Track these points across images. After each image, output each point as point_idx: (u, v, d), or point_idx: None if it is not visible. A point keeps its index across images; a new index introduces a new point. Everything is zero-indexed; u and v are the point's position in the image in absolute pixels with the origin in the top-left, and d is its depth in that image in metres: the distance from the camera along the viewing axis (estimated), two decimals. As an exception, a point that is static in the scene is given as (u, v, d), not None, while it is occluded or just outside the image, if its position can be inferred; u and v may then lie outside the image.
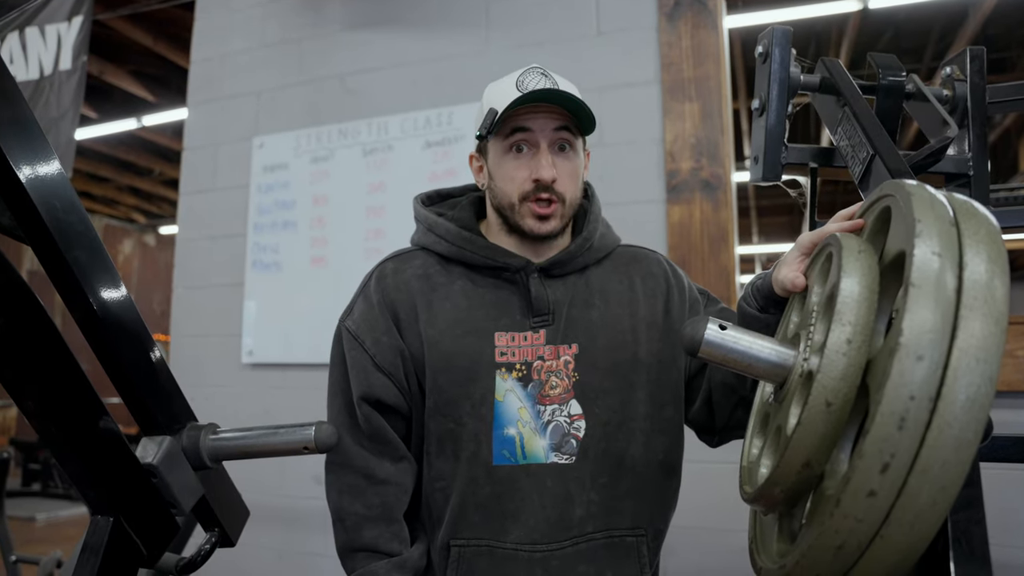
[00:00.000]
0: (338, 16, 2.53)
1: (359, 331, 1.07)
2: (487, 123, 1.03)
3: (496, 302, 1.06)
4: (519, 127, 1.02)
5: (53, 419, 0.61)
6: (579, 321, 1.05)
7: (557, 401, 1.03)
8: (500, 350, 1.03)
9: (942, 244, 0.48)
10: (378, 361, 1.05)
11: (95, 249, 0.64)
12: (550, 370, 1.03)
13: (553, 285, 1.07)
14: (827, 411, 0.52)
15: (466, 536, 1.01)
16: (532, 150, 1.02)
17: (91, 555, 0.65)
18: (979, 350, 0.44)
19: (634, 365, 1.05)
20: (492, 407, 1.02)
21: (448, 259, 1.09)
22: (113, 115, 5.21)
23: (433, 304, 1.06)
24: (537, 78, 1.02)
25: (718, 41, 2.05)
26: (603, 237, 1.13)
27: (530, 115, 1.01)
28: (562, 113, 1.02)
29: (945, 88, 1.03)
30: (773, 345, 0.64)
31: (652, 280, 1.11)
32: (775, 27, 0.98)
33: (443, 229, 1.09)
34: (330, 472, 1.07)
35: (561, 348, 1.04)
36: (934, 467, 0.44)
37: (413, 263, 1.11)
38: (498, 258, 1.05)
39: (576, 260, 1.08)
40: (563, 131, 1.02)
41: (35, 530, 5.14)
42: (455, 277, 1.08)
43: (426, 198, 1.19)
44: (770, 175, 1.01)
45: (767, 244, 9.21)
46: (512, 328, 1.04)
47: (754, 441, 0.72)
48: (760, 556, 0.63)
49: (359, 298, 1.12)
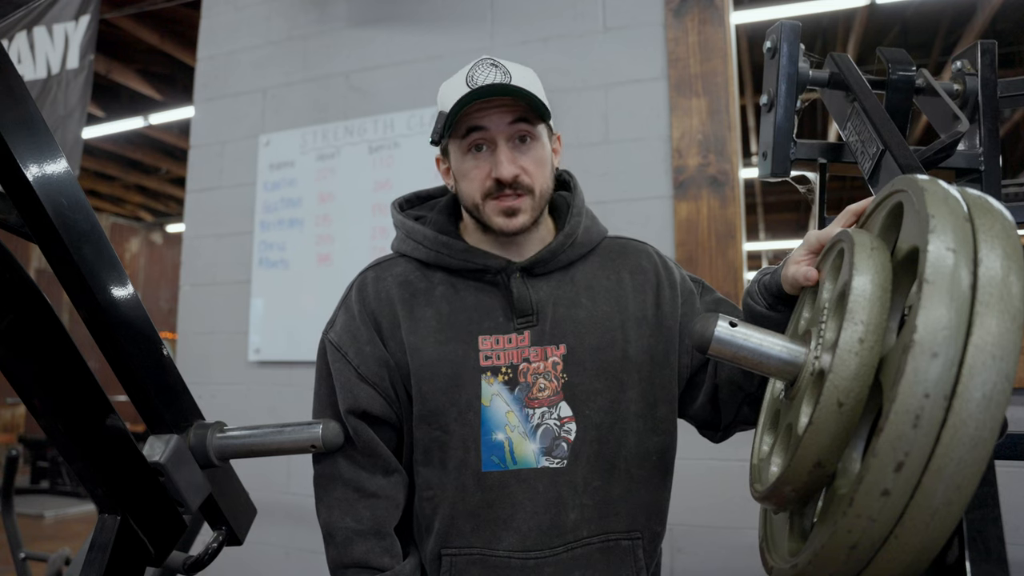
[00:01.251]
0: (343, 13, 2.53)
1: (341, 342, 1.05)
2: (437, 127, 1.01)
3: (478, 305, 1.03)
4: (474, 126, 0.98)
5: (60, 417, 0.60)
6: (566, 320, 1.02)
7: (546, 404, 1.00)
8: (484, 354, 1.00)
9: (956, 240, 0.47)
10: (362, 372, 1.02)
11: (102, 247, 0.64)
12: (537, 372, 1.00)
13: (536, 284, 1.04)
14: (839, 411, 0.52)
15: (457, 545, 0.99)
16: (491, 147, 0.99)
17: (99, 553, 0.64)
18: (995, 347, 0.43)
19: (624, 364, 1.02)
20: (479, 412, 0.99)
21: (428, 265, 1.07)
22: (120, 113, 5.23)
23: (415, 311, 1.03)
24: (486, 71, 0.98)
25: (725, 37, 2.04)
26: (588, 231, 1.09)
27: (483, 111, 0.98)
28: (516, 104, 0.98)
29: (955, 83, 1.02)
30: (784, 342, 0.63)
31: (641, 274, 1.08)
32: (783, 22, 0.97)
33: (420, 235, 1.06)
34: (319, 487, 1.04)
35: (548, 349, 1.01)
36: (949, 466, 0.43)
37: (393, 271, 1.08)
38: (477, 260, 1.03)
39: (559, 257, 1.05)
40: (520, 123, 0.98)
41: (43, 527, 5.18)
42: (436, 283, 1.05)
43: (404, 202, 1.16)
44: (779, 171, 1.00)
45: (774, 240, 9.18)
46: (496, 331, 1.01)
47: (764, 438, 0.71)
48: (771, 555, 0.63)
49: (340, 309, 1.10)
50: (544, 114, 0.99)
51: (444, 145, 1.06)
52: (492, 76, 0.98)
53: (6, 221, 0.66)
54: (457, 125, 0.99)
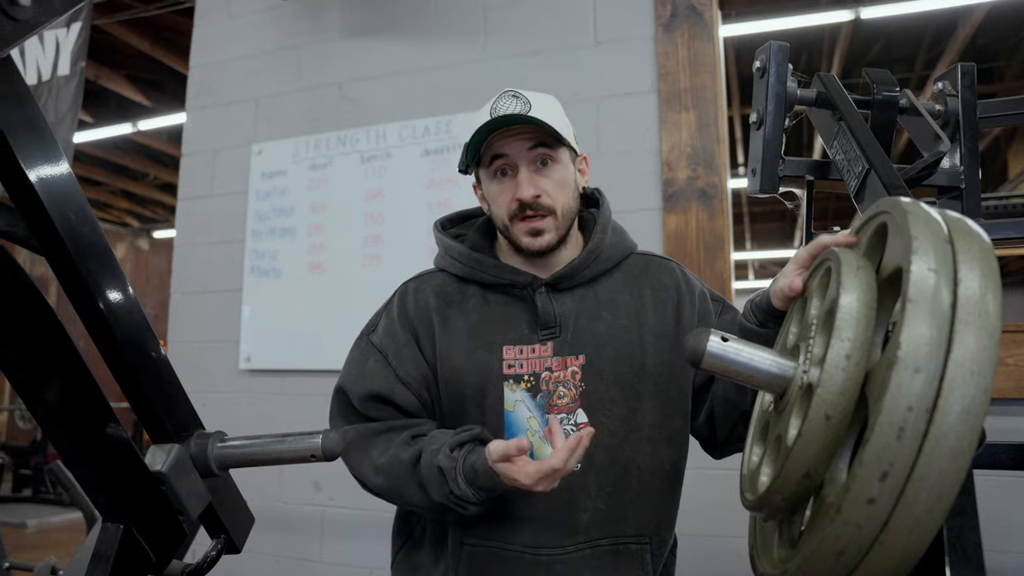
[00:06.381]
0: (336, 23, 2.55)
1: (383, 345, 1.12)
2: (463, 158, 1.11)
3: (506, 317, 1.09)
4: (497, 154, 1.07)
5: (64, 424, 0.62)
6: (586, 332, 1.07)
7: (564, 410, 1.05)
8: (508, 362, 1.06)
9: (938, 261, 0.49)
10: (399, 373, 1.09)
11: (107, 259, 0.65)
12: (558, 380, 1.06)
13: (560, 299, 1.09)
14: (826, 424, 0.54)
15: (477, 536, 1.04)
16: (515, 172, 1.07)
17: (101, 561, 0.65)
18: (974, 363, 0.45)
19: (641, 376, 1.06)
20: (502, 417, 1.05)
21: (463, 279, 1.14)
22: (108, 119, 5.20)
23: (448, 320, 1.10)
24: (507, 102, 1.06)
25: (714, 52, 2.08)
26: (613, 246, 1.14)
27: (504, 140, 1.06)
28: (534, 131, 1.05)
29: (937, 103, 1.06)
30: (774, 357, 0.66)
31: (663, 290, 1.13)
32: (772, 43, 1.00)
33: (456, 251, 1.14)
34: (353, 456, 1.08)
35: (568, 359, 1.06)
36: (931, 475, 0.45)
37: (432, 282, 1.16)
38: (505, 276, 1.09)
39: (583, 272, 1.10)
40: (539, 148, 1.06)
41: (26, 536, 5.10)
42: (469, 295, 1.12)
43: (447, 221, 1.23)
44: (767, 187, 1.03)
45: (760, 250, 9.26)
46: (520, 341, 1.07)
47: (754, 449, 0.73)
48: (761, 562, 0.64)
49: (383, 314, 1.17)
50: (562, 139, 1.06)
51: (477, 173, 1.14)
52: (512, 107, 1.05)
53: (14, 234, 0.67)
54: (484, 154, 1.08)
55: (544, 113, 1.05)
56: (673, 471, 1.09)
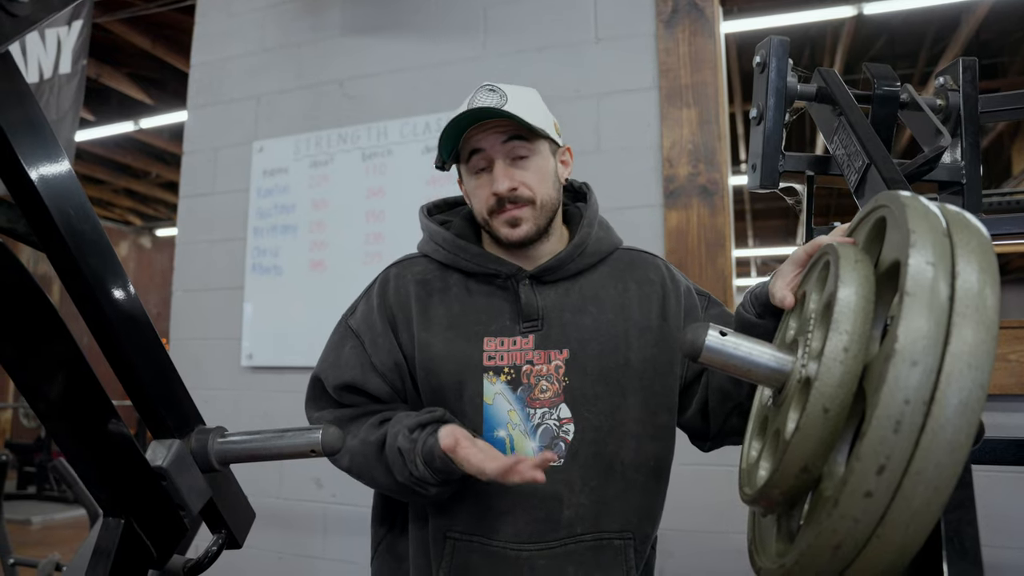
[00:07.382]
0: (337, 21, 2.55)
1: (360, 330, 1.12)
2: (439, 154, 1.10)
3: (488, 308, 1.08)
4: (473, 149, 1.06)
5: (66, 421, 0.62)
6: (570, 327, 1.06)
7: (547, 405, 1.04)
8: (488, 354, 1.05)
9: (936, 254, 0.49)
10: (374, 361, 1.08)
11: (107, 256, 0.65)
12: (540, 374, 1.05)
13: (544, 291, 1.08)
14: (824, 417, 0.54)
15: (460, 530, 1.03)
16: (491, 166, 1.06)
17: (103, 557, 0.66)
18: (971, 356, 0.45)
19: (625, 371, 1.06)
20: (481, 409, 1.04)
21: (446, 266, 1.12)
22: (110, 117, 5.20)
23: (429, 309, 1.09)
24: (484, 96, 1.05)
25: (715, 48, 2.07)
26: (599, 241, 1.13)
27: (480, 134, 1.05)
28: (509, 124, 1.04)
29: (938, 98, 1.05)
30: (772, 351, 0.65)
31: (648, 285, 1.12)
32: (772, 38, 1.00)
33: (441, 237, 1.12)
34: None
35: (552, 353, 1.05)
36: (928, 469, 0.45)
37: (414, 269, 1.14)
38: (489, 265, 1.08)
39: (568, 266, 1.09)
40: (513, 140, 1.05)
41: (31, 533, 5.13)
42: (451, 284, 1.11)
43: (433, 207, 1.22)
44: (767, 182, 1.02)
45: (762, 247, 9.24)
46: (501, 333, 1.06)
47: (753, 443, 0.73)
48: (759, 556, 0.65)
49: (363, 300, 1.16)
50: (536, 130, 1.04)
51: (459, 169, 1.14)
52: (487, 100, 1.03)
53: (14, 230, 0.67)
54: (462, 150, 1.08)
55: (521, 106, 1.03)
56: (657, 467, 1.07)
